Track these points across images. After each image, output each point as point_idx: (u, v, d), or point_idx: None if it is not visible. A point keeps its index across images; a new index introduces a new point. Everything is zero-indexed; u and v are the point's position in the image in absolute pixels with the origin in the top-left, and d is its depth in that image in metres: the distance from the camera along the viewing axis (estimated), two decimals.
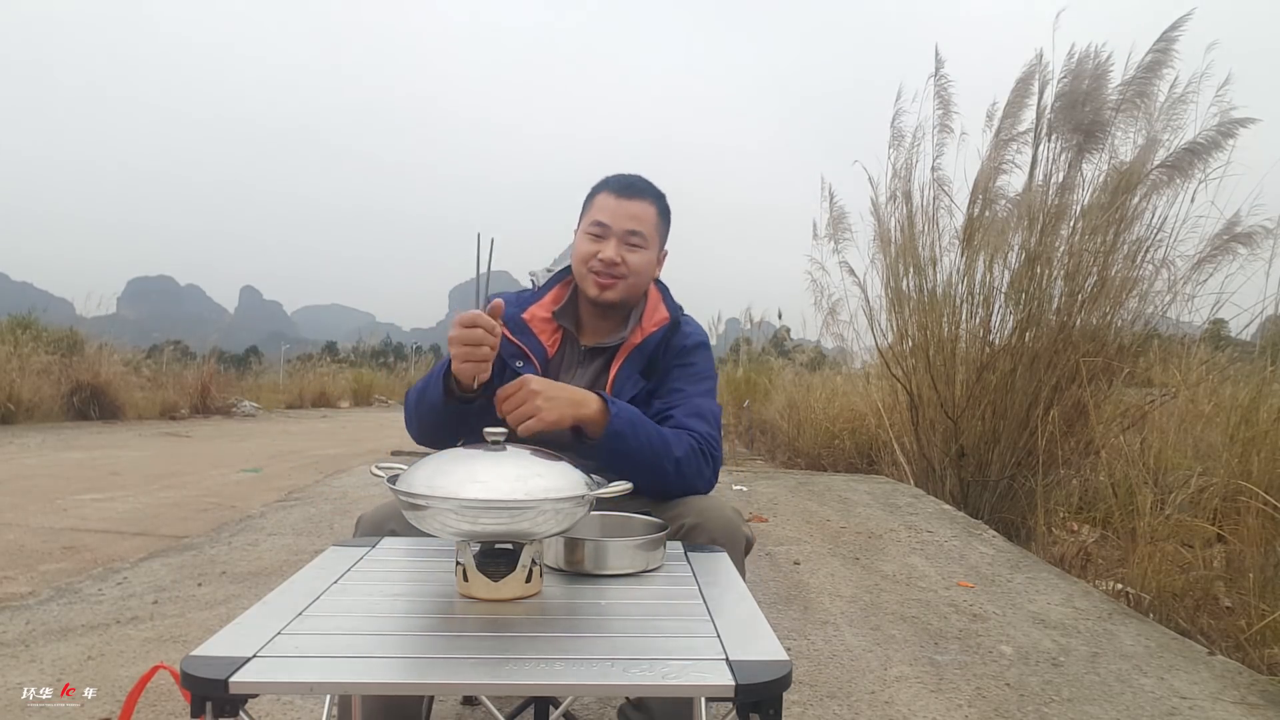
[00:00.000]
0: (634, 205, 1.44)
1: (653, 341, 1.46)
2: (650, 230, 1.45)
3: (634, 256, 1.43)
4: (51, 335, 10.63)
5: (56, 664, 2.03)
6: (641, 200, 1.45)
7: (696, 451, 1.32)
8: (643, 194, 1.45)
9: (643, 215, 1.44)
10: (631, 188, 1.45)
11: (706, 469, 1.34)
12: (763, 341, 11.69)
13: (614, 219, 1.42)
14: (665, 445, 1.28)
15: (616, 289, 1.44)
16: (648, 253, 1.45)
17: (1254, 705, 1.94)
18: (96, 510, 4.40)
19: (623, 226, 1.42)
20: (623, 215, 1.42)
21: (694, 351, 1.48)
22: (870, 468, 6.32)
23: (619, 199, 1.43)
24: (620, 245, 1.43)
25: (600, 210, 1.44)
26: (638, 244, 1.44)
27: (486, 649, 0.79)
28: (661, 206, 1.48)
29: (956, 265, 4.67)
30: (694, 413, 1.39)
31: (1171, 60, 4.07)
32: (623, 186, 1.45)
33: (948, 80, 4.73)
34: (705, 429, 1.37)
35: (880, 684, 2.03)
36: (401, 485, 0.93)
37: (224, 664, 0.72)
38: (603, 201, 1.45)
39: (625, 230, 1.42)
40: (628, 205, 1.43)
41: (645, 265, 1.46)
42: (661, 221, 1.48)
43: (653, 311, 1.50)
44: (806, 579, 2.97)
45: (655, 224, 1.46)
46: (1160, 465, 3.50)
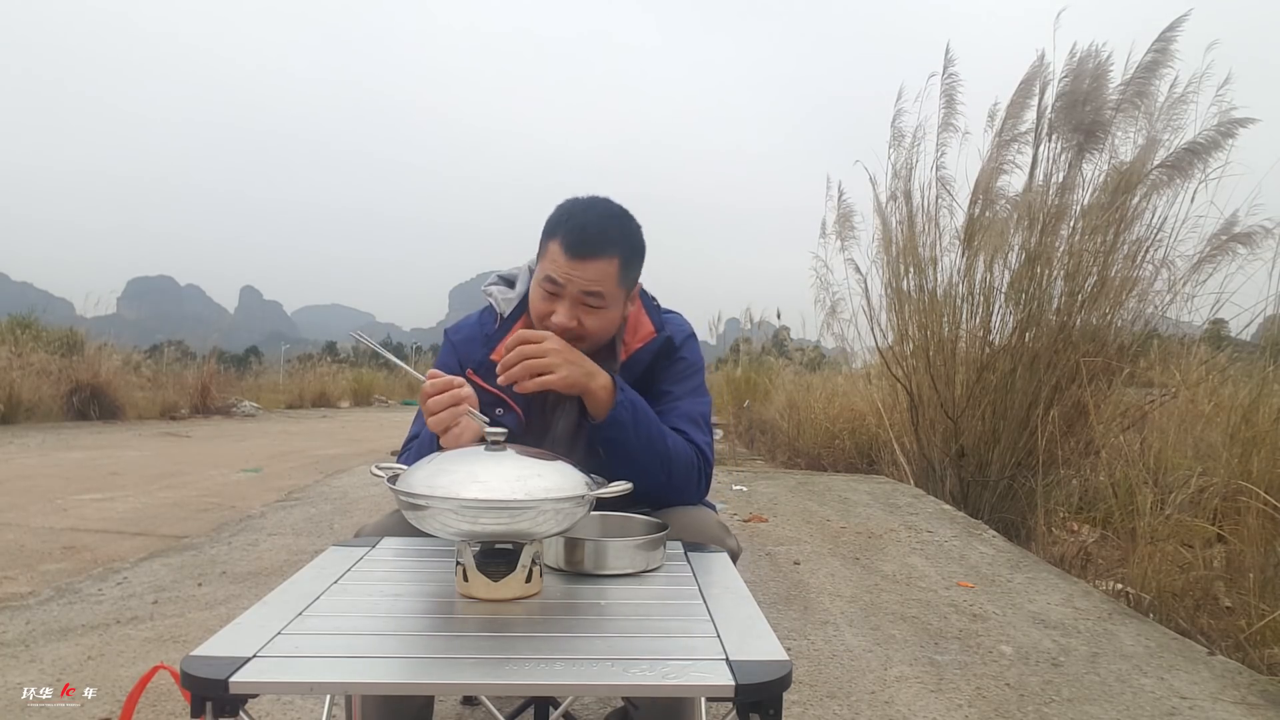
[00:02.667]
0: (589, 268, 1.23)
1: (642, 361, 1.35)
2: (611, 288, 1.26)
3: (591, 319, 1.27)
4: (51, 335, 10.64)
5: (56, 664, 2.03)
6: (598, 260, 1.24)
7: (694, 464, 1.29)
8: (599, 251, 1.24)
9: (600, 276, 1.24)
10: (586, 245, 1.23)
11: (701, 479, 1.32)
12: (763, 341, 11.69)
13: (568, 280, 1.24)
14: (665, 448, 1.24)
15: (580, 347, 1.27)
16: (608, 310, 1.29)
17: (1254, 705, 1.94)
18: (96, 510, 4.40)
19: (577, 289, 1.24)
20: (577, 277, 1.24)
21: (683, 347, 1.40)
22: (870, 468, 6.32)
23: (571, 260, 1.23)
24: (575, 307, 1.26)
25: (553, 264, 1.25)
26: (596, 305, 1.26)
27: (486, 649, 0.79)
28: (624, 251, 1.27)
29: (957, 265, 4.68)
30: (685, 420, 1.33)
31: (1171, 60, 4.07)
32: (577, 244, 1.23)
33: (956, 79, 4.73)
34: (702, 437, 1.33)
35: (880, 684, 2.03)
36: (401, 485, 0.93)
37: (224, 664, 0.72)
38: (555, 255, 1.24)
39: (580, 292, 1.25)
40: (582, 268, 1.23)
41: (606, 323, 1.30)
42: (625, 273, 1.28)
43: (635, 327, 1.38)
44: (806, 579, 2.97)
45: (616, 279, 1.27)
46: (1160, 465, 3.50)
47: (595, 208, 1.30)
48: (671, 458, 1.25)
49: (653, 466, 1.24)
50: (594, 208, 1.30)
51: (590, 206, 1.30)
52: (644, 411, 1.24)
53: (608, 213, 1.30)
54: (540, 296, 1.28)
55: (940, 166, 4.75)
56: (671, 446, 1.26)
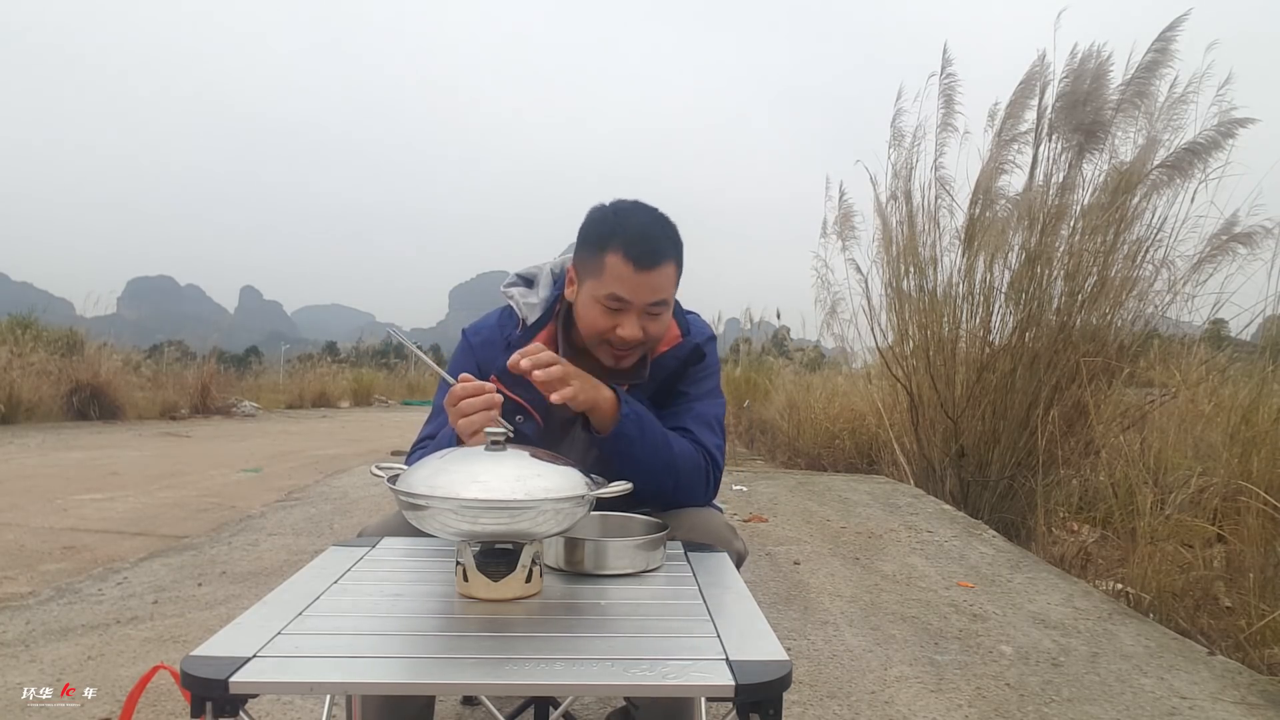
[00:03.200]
0: (656, 276, 1.22)
1: (668, 366, 1.34)
2: (671, 289, 1.27)
3: (655, 325, 1.26)
4: (51, 335, 10.64)
5: (56, 664, 2.03)
6: (662, 268, 1.23)
7: (701, 468, 1.29)
8: (664, 256, 1.23)
9: (665, 283, 1.24)
10: (653, 255, 1.21)
11: (709, 483, 1.32)
12: (763, 341, 11.70)
13: (635, 294, 1.21)
14: (671, 455, 1.24)
15: (634, 356, 1.29)
16: (668, 314, 1.29)
17: (1254, 705, 1.94)
18: (96, 510, 4.40)
19: (645, 300, 1.23)
20: (645, 289, 1.22)
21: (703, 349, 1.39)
22: (870, 468, 6.32)
23: (638, 271, 1.20)
24: (642, 318, 1.24)
25: (618, 283, 1.21)
26: (659, 311, 1.26)
27: (486, 649, 0.79)
28: (679, 254, 1.27)
29: (957, 265, 4.68)
30: (698, 423, 1.32)
31: (1171, 60, 4.07)
32: (643, 255, 1.21)
33: (954, 79, 4.73)
34: (712, 440, 1.32)
35: (880, 684, 2.03)
36: (401, 485, 0.93)
37: (224, 664, 0.72)
38: (619, 270, 1.21)
39: (647, 304, 1.23)
40: (650, 278, 1.21)
41: (666, 325, 1.30)
42: (679, 271, 1.28)
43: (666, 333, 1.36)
44: (806, 579, 2.97)
45: (674, 278, 1.27)
46: (1160, 465, 3.50)
47: (644, 213, 1.27)
48: (678, 465, 1.25)
49: (659, 474, 1.24)
50: (643, 213, 1.27)
51: (639, 212, 1.27)
52: (649, 423, 1.24)
53: (657, 217, 1.27)
54: (601, 313, 1.24)
55: (939, 167, 4.76)
56: (678, 454, 1.26)
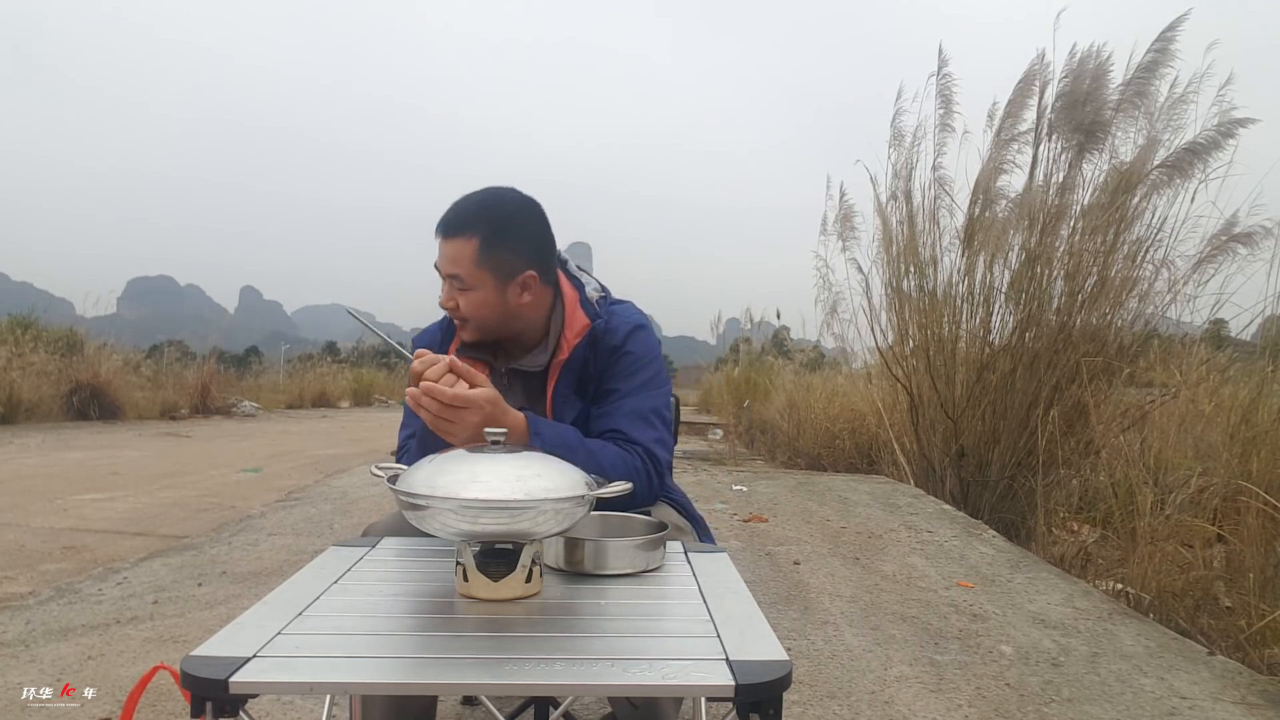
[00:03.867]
0: (449, 247, 1.27)
1: (578, 355, 1.33)
2: (469, 271, 1.26)
3: (462, 300, 1.28)
4: (51, 335, 10.64)
5: (56, 664, 2.03)
6: (456, 239, 1.26)
7: (639, 471, 1.26)
8: (458, 230, 1.26)
9: (459, 256, 1.26)
10: (448, 225, 1.27)
11: (650, 483, 1.28)
12: (763, 341, 11.69)
13: (441, 262, 1.28)
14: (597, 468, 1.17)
15: (467, 330, 1.33)
16: (475, 294, 1.27)
17: (1254, 705, 1.94)
18: (96, 510, 4.40)
19: (444, 269, 1.28)
20: (444, 259, 1.28)
21: (627, 340, 1.34)
22: (870, 468, 6.32)
23: (439, 239, 1.28)
24: (450, 288, 1.29)
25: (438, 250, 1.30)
26: (459, 287, 1.28)
27: (486, 649, 0.79)
28: (488, 233, 1.26)
29: (957, 265, 4.68)
30: (631, 419, 1.29)
31: (1171, 60, 4.07)
32: (441, 224, 1.28)
33: (951, 79, 4.74)
34: (648, 434, 1.29)
35: (880, 684, 2.03)
36: (401, 485, 0.93)
37: (224, 664, 0.72)
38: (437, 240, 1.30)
39: (448, 274, 1.28)
40: (445, 247, 1.27)
41: (478, 305, 1.28)
42: (487, 252, 1.26)
43: (572, 319, 1.35)
44: (806, 579, 2.97)
45: (474, 262, 1.25)
46: (1160, 465, 3.50)
47: (478, 194, 1.31)
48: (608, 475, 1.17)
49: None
50: (477, 193, 1.31)
51: (477, 192, 1.31)
52: (564, 440, 1.22)
53: (480, 196, 1.30)
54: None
55: (938, 167, 4.76)
56: (606, 464, 1.22)
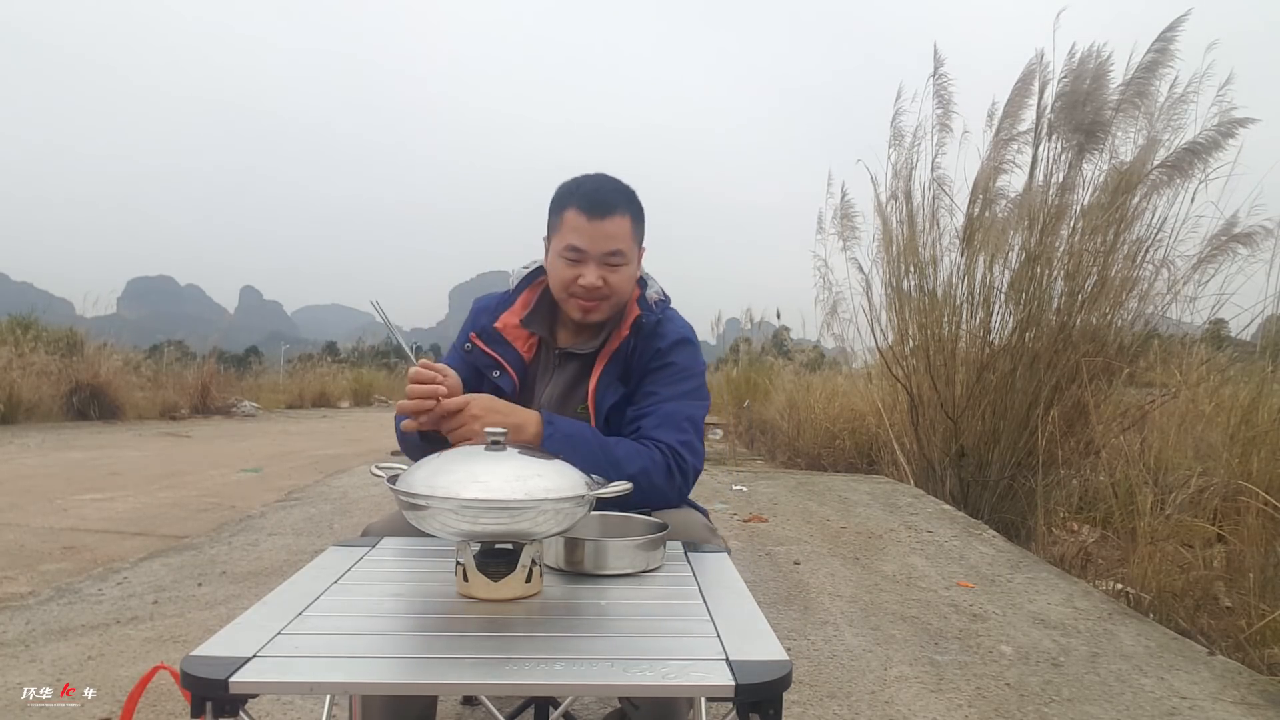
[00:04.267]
0: (609, 224, 1.33)
1: (628, 344, 1.40)
2: (628, 244, 1.36)
3: (615, 276, 1.36)
4: (51, 335, 10.64)
5: (56, 664, 2.03)
6: (614, 216, 1.34)
7: (661, 466, 1.28)
8: (615, 208, 1.34)
9: (618, 232, 1.34)
10: (603, 205, 1.33)
11: (673, 481, 1.30)
12: (763, 341, 11.68)
13: (590, 243, 1.33)
14: (615, 463, 1.23)
15: (602, 309, 1.38)
16: (628, 267, 1.38)
17: (1254, 705, 1.94)
18: (96, 510, 4.40)
19: (600, 249, 1.33)
20: (599, 238, 1.33)
21: (672, 350, 1.40)
22: (870, 468, 6.32)
23: (590, 220, 1.33)
24: (600, 268, 1.34)
25: (573, 233, 1.34)
26: (617, 263, 1.35)
27: (486, 649, 0.79)
28: (634, 211, 1.38)
29: (957, 265, 4.67)
30: (664, 421, 1.33)
31: (1171, 60, 4.07)
32: (593, 206, 1.33)
33: (947, 79, 4.74)
34: (675, 438, 1.32)
35: (880, 684, 2.03)
36: (401, 485, 0.93)
37: (224, 664, 0.72)
38: (574, 222, 1.34)
39: (603, 253, 1.34)
40: (601, 226, 1.33)
41: (628, 279, 1.39)
42: (636, 228, 1.39)
43: (630, 312, 1.42)
44: (806, 579, 2.97)
45: (630, 235, 1.37)
46: (1160, 465, 3.50)
47: (597, 177, 1.39)
48: (623, 468, 1.23)
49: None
50: (596, 177, 1.39)
51: (592, 177, 1.39)
52: (580, 437, 1.25)
53: (611, 179, 1.39)
54: (564, 265, 1.36)
55: (937, 167, 4.76)
56: (621, 456, 1.26)
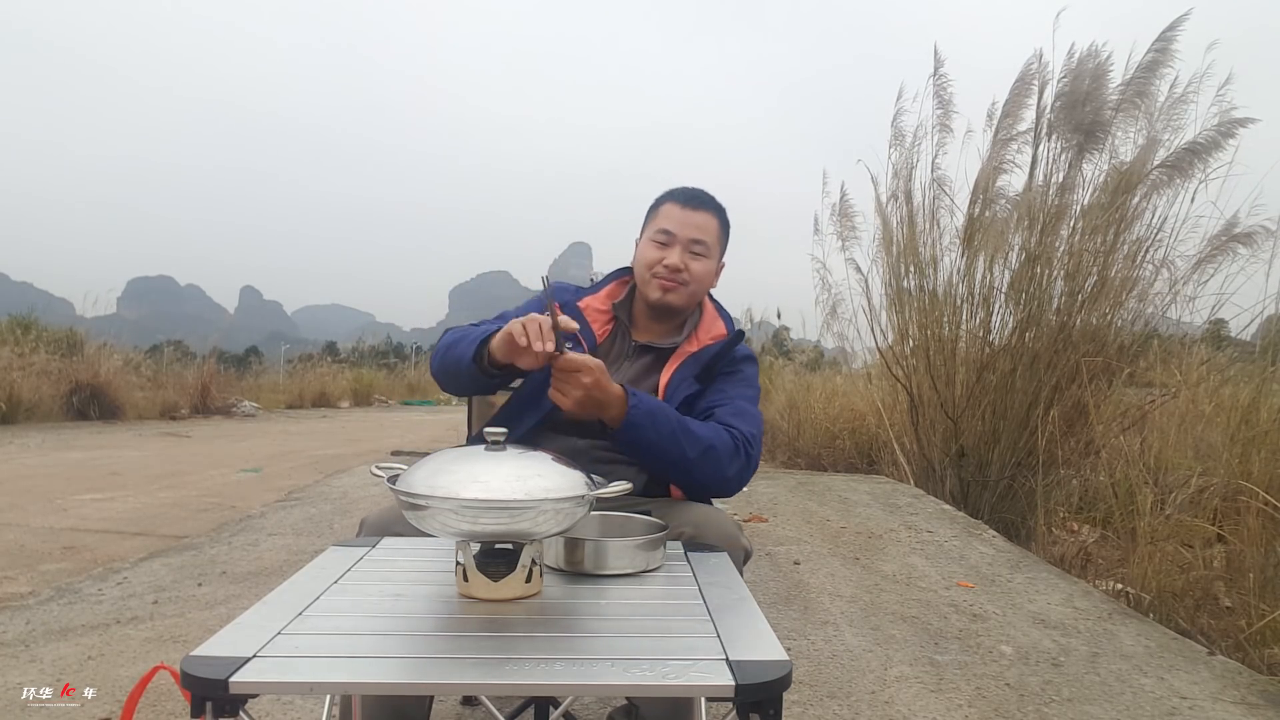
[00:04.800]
0: (699, 216, 1.51)
1: (710, 351, 1.52)
2: (713, 240, 1.52)
3: (696, 264, 1.50)
4: (51, 335, 10.63)
5: (56, 664, 2.03)
6: (706, 211, 1.52)
7: (729, 446, 1.36)
8: (707, 206, 1.53)
9: (706, 226, 1.51)
10: (697, 199, 1.53)
11: (737, 462, 1.38)
12: (763, 341, 11.68)
13: (680, 228, 1.49)
14: (690, 435, 1.33)
15: (679, 293, 1.50)
16: (709, 261, 1.52)
17: (1254, 705, 1.94)
18: (96, 510, 4.40)
19: (688, 235, 1.49)
20: (688, 225, 1.49)
21: (744, 363, 1.56)
22: (870, 468, 6.31)
23: (684, 209, 1.51)
24: (684, 252, 1.49)
25: (666, 219, 1.51)
26: (701, 252, 1.51)
27: (486, 649, 0.79)
28: (723, 220, 1.55)
29: (957, 265, 4.67)
30: (737, 413, 1.45)
31: (1171, 60, 4.07)
32: (688, 198, 1.52)
33: (947, 80, 4.74)
34: (746, 428, 1.42)
35: (880, 684, 2.03)
36: (401, 485, 0.93)
37: (224, 664, 0.72)
38: (669, 211, 1.52)
39: (690, 239, 1.49)
40: (693, 215, 1.50)
41: (706, 273, 1.53)
42: (723, 234, 1.55)
43: (710, 324, 1.56)
44: (806, 579, 2.97)
45: (717, 235, 1.53)
46: (1160, 465, 3.50)
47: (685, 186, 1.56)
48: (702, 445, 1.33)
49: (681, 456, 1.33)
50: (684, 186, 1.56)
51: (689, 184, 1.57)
52: (661, 411, 1.33)
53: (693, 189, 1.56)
54: (652, 248, 1.51)
55: (937, 167, 4.76)
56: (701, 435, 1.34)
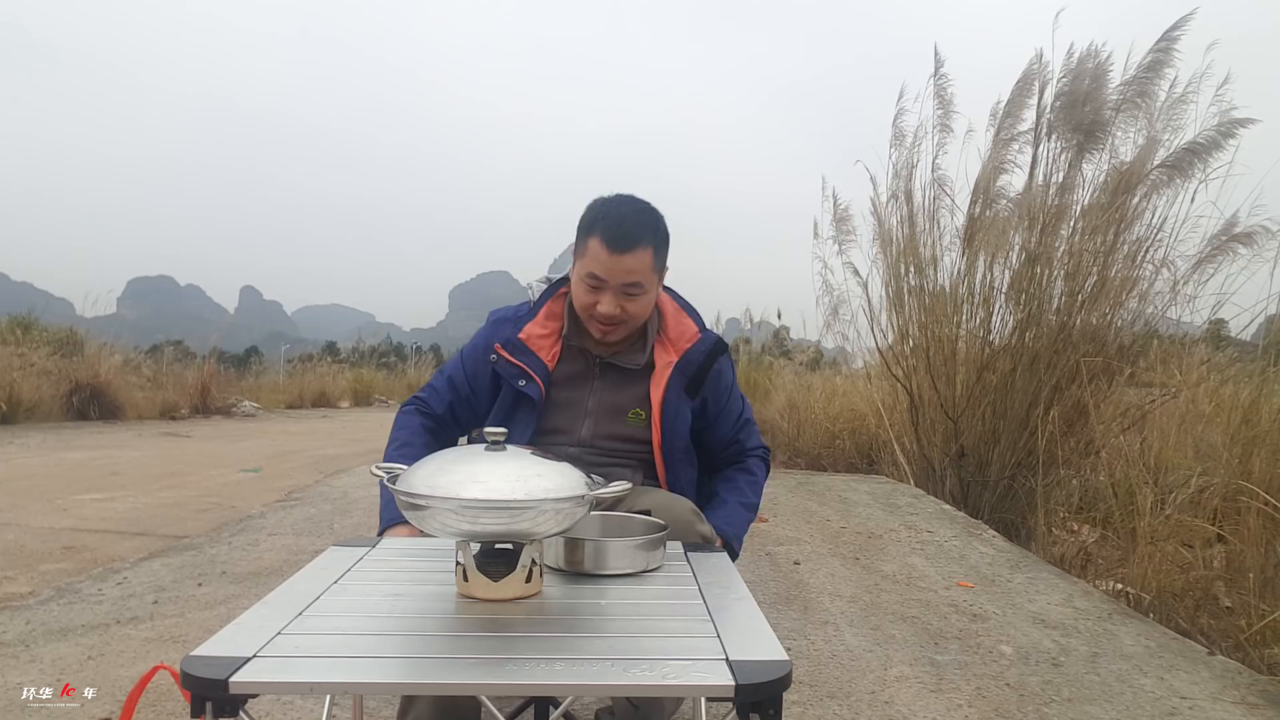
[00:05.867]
0: (627, 259, 1.37)
1: (694, 362, 1.47)
2: (648, 273, 1.40)
3: (633, 305, 1.41)
4: (51, 335, 10.62)
5: (56, 664, 2.03)
6: (635, 250, 1.37)
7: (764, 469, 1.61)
8: (636, 242, 1.37)
9: (637, 266, 1.38)
10: (624, 239, 1.36)
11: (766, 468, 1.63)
12: (763, 341, 11.68)
13: (610, 274, 1.37)
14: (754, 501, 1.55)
15: (619, 332, 1.45)
16: (647, 295, 1.43)
17: (1254, 705, 1.94)
18: (96, 510, 4.39)
19: (619, 281, 1.38)
20: (618, 271, 1.37)
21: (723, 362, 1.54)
22: (870, 468, 6.31)
23: (612, 254, 1.36)
24: (618, 296, 1.40)
25: (594, 262, 1.38)
26: (635, 293, 1.41)
27: (486, 649, 0.79)
28: (657, 240, 1.41)
29: (957, 265, 4.67)
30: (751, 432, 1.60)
31: (1172, 60, 4.06)
32: (615, 239, 1.36)
33: (947, 80, 4.74)
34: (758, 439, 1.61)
35: (880, 684, 2.03)
36: (401, 485, 0.93)
37: (224, 664, 0.72)
38: (596, 252, 1.38)
39: (621, 284, 1.39)
40: (622, 260, 1.37)
41: (645, 306, 1.44)
42: (657, 257, 1.42)
43: (676, 323, 1.50)
44: (806, 579, 2.97)
45: (651, 266, 1.41)
46: (1160, 465, 3.50)
47: (625, 204, 1.42)
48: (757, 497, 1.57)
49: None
50: (624, 204, 1.42)
51: (620, 203, 1.42)
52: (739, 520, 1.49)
53: (636, 208, 1.42)
54: (585, 290, 1.42)
55: (937, 167, 4.76)
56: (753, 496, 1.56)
